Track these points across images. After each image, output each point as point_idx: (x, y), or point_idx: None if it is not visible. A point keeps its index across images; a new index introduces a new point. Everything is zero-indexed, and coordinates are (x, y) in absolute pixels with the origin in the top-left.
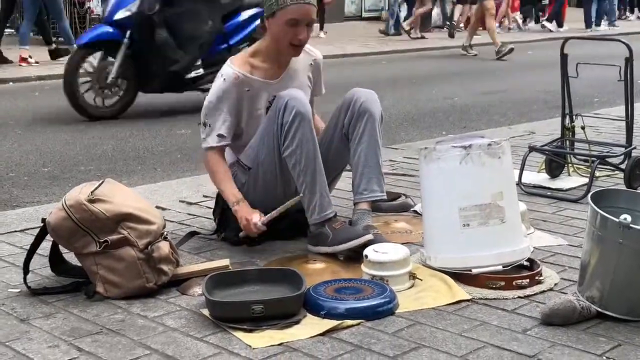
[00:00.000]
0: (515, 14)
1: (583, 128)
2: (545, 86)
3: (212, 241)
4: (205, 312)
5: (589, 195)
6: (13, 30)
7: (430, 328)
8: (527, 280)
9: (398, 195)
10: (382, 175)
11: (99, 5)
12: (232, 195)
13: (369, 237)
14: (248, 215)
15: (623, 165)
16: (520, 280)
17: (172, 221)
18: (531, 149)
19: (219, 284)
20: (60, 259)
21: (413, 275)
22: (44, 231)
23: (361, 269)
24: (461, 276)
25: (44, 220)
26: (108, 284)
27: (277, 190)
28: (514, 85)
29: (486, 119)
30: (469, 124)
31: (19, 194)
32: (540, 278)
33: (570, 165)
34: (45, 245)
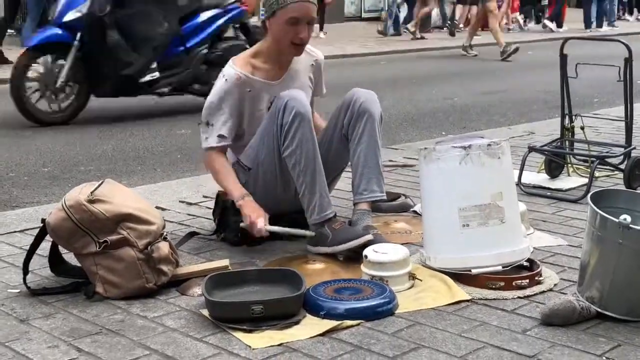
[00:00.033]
0: (515, 14)
1: (582, 128)
2: (545, 86)
3: (212, 241)
4: (205, 313)
5: (589, 195)
6: (13, 31)
7: (430, 328)
8: (527, 280)
9: (398, 195)
10: (382, 176)
11: None
12: (237, 190)
13: (369, 238)
14: (253, 215)
15: (622, 166)
16: (520, 281)
17: (172, 221)
18: (531, 149)
19: (218, 284)
20: (59, 260)
21: (413, 276)
22: (43, 231)
23: (361, 269)
24: (461, 276)
25: (43, 221)
26: (108, 284)
27: (277, 191)
28: (514, 85)
29: (486, 119)
30: (468, 124)
31: (19, 194)
32: (540, 278)
33: (569, 165)
34: (45, 246)
